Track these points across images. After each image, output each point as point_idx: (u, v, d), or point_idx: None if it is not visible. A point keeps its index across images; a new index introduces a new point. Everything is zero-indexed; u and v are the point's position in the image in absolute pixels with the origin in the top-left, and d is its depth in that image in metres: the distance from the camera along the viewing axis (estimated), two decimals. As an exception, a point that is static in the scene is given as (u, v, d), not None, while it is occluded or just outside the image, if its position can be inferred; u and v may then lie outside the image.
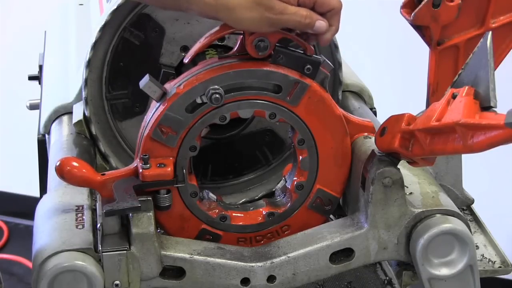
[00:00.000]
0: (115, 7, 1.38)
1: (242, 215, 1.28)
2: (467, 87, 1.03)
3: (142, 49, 1.43)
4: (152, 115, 1.20)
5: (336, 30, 1.20)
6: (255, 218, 1.27)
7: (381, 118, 1.19)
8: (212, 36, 1.23)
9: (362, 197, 1.21)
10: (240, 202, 1.50)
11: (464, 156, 1.37)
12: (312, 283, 1.29)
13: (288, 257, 1.19)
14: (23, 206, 3.14)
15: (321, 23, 1.16)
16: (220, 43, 1.39)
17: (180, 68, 1.43)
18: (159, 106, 1.19)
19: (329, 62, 1.24)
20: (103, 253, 1.13)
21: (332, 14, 1.18)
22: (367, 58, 2.71)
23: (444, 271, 1.18)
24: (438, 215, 1.19)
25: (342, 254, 1.21)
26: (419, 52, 1.35)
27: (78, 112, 1.44)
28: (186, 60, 1.26)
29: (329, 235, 1.20)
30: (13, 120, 3.14)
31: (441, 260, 1.18)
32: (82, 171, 1.16)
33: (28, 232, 3.17)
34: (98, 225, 1.16)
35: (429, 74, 1.21)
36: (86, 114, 1.42)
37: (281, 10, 1.14)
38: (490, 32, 1.02)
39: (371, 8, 2.84)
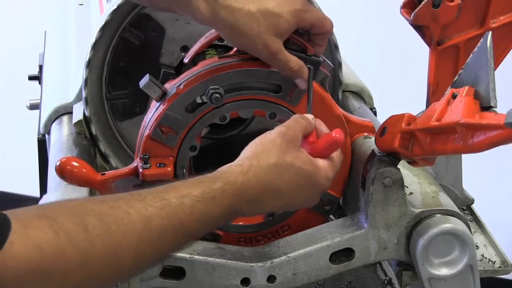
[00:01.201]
0: (115, 7, 1.38)
1: (242, 215, 1.28)
2: (467, 87, 1.03)
3: (142, 49, 1.43)
4: (152, 115, 1.20)
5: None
6: (255, 218, 1.27)
7: (381, 118, 1.19)
8: (212, 36, 1.23)
9: (362, 197, 1.21)
10: (240, 202, 1.49)
11: (464, 156, 1.37)
12: (312, 283, 1.29)
13: (288, 257, 1.19)
14: (23, 206, 3.13)
15: (302, 82, 1.19)
16: (220, 43, 1.39)
17: (180, 68, 1.43)
18: (159, 106, 1.20)
19: (329, 62, 1.24)
20: (103, 253, 1.13)
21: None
22: (367, 58, 2.70)
23: (444, 271, 1.18)
24: (438, 215, 1.19)
25: (342, 254, 1.21)
26: (419, 52, 1.35)
27: (78, 112, 1.44)
28: (186, 60, 1.26)
29: (329, 235, 1.20)
30: (13, 120, 3.14)
31: (441, 260, 1.18)
32: (82, 171, 1.16)
33: (28, 232, 3.16)
34: (98, 225, 1.16)
35: (429, 74, 1.21)
36: (86, 114, 1.42)
37: (279, 50, 1.16)
38: (490, 32, 1.02)
39: (371, 8, 2.84)
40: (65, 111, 1.50)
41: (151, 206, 0.95)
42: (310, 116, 1.16)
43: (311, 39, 1.21)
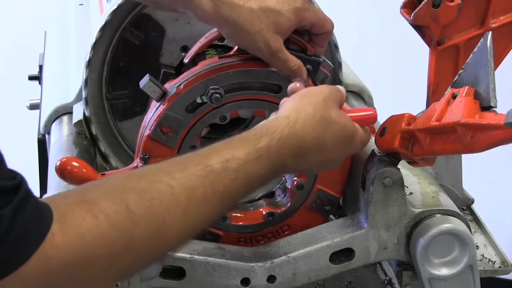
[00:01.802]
0: (115, 7, 1.38)
1: (242, 215, 1.28)
2: (467, 87, 1.03)
3: (142, 49, 1.43)
4: (152, 115, 1.20)
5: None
6: (255, 218, 1.27)
7: (381, 118, 1.19)
8: (212, 36, 1.23)
9: (362, 197, 1.21)
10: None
11: (464, 156, 1.37)
12: (312, 283, 1.29)
13: (288, 257, 1.19)
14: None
15: (296, 86, 1.16)
16: (220, 43, 1.39)
17: (180, 68, 1.43)
18: (159, 106, 1.20)
19: (329, 62, 1.24)
20: (103, 253, 1.13)
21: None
22: (367, 58, 2.71)
23: (444, 271, 1.18)
24: (438, 215, 1.19)
25: (342, 254, 1.21)
26: (419, 52, 1.35)
27: (78, 112, 1.44)
28: (186, 60, 1.26)
29: (329, 235, 1.20)
30: (13, 120, 3.14)
31: (441, 260, 1.18)
32: (82, 171, 1.16)
33: (28, 232, 3.15)
34: (98, 225, 1.16)
35: (429, 74, 1.21)
36: (86, 114, 1.42)
37: (279, 48, 1.16)
38: (490, 32, 1.02)
39: (371, 8, 2.84)
40: (65, 111, 1.51)
41: (193, 175, 0.92)
42: (343, 89, 1.16)
43: (312, 40, 1.21)
